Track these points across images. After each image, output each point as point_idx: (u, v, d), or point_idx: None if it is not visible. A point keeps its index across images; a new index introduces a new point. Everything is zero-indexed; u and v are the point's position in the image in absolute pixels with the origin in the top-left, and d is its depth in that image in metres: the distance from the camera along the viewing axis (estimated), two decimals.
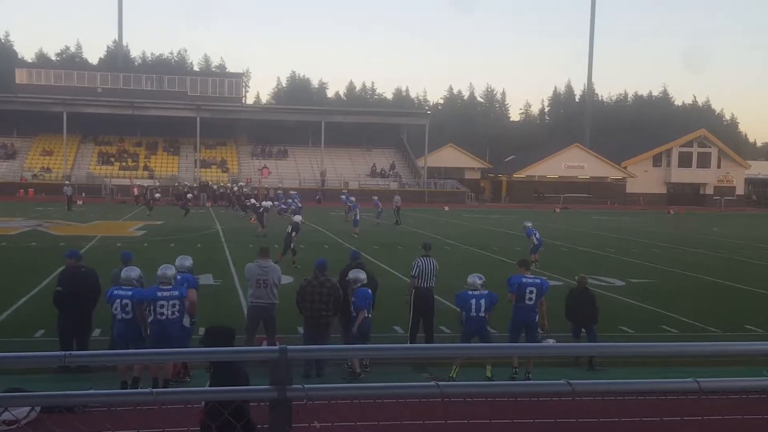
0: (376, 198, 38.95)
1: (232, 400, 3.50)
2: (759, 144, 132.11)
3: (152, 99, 65.92)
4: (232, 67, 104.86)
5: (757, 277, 20.51)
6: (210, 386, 3.83)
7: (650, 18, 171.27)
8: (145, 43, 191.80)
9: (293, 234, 20.69)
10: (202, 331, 10.00)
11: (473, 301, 10.36)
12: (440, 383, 3.05)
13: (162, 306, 9.25)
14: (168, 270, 9.50)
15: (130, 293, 9.38)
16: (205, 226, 33.71)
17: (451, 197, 64.91)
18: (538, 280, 10.84)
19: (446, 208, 51.46)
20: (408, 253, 24.21)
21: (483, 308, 10.33)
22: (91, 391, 3.76)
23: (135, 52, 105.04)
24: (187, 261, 10.44)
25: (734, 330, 11.91)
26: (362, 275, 10.59)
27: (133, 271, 9.72)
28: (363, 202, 39.32)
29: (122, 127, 66.57)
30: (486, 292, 10.49)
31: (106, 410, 4.29)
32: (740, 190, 76.67)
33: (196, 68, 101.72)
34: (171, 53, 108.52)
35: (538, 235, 22.13)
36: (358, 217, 31.78)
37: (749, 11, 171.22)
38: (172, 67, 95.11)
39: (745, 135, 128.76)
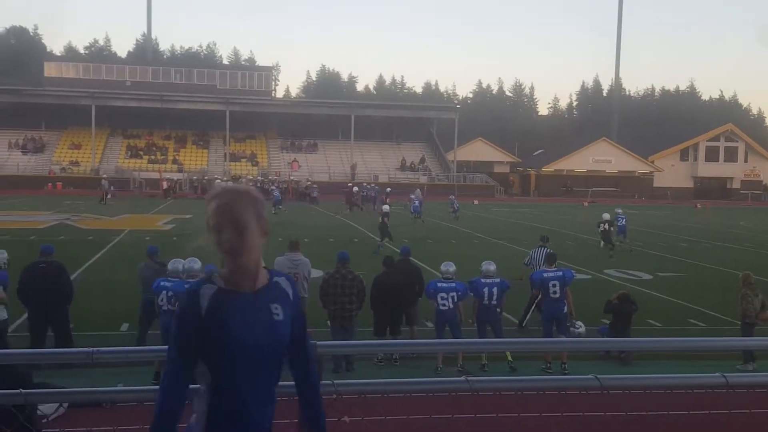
0: (452, 197, 39.70)
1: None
2: None
3: (181, 92, 66.47)
4: (261, 61, 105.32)
5: None
6: None
7: (677, 12, 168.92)
8: (175, 36, 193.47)
9: (386, 221, 23.20)
10: None
11: (486, 290, 10.53)
12: (469, 378, 3.13)
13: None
14: (194, 263, 9.56)
15: (173, 285, 9.46)
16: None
17: (481, 191, 64.66)
18: (560, 273, 10.89)
19: (476, 202, 51.32)
20: (437, 245, 24.28)
21: (495, 296, 10.50)
22: (119, 387, 3.88)
23: (164, 46, 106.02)
24: (179, 263, 10.25)
25: (761, 324, 11.78)
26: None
27: (179, 263, 9.78)
28: (398, 195, 39.20)
29: (151, 120, 67.14)
30: (498, 279, 10.65)
31: (135, 405, 4.40)
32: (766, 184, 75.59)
33: (225, 62, 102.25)
34: (200, 46, 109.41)
35: (622, 222, 25.20)
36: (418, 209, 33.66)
37: None
38: (201, 61, 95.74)
39: None
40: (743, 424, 6.56)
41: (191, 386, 2.54)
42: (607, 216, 24.54)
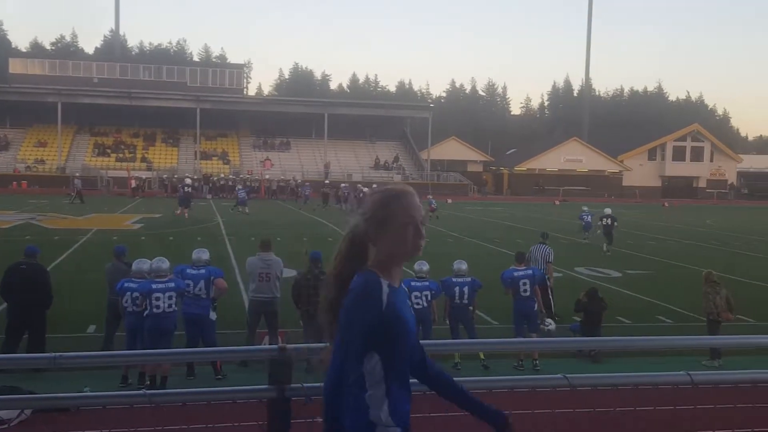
0: (430, 197, 40.42)
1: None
2: (750, 138, 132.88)
3: (150, 89, 65.64)
4: (233, 58, 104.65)
5: (748, 267, 20.68)
6: None
7: (645, 14, 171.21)
8: (143, 32, 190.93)
9: None
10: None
11: (457, 289, 10.57)
12: None
13: (158, 299, 9.19)
14: (162, 263, 9.48)
15: (138, 286, 9.37)
16: (205, 218, 33.72)
17: (454, 190, 64.91)
18: (530, 271, 11.00)
19: (449, 201, 51.49)
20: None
21: (467, 295, 10.53)
22: (85, 392, 3.82)
23: (132, 42, 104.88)
24: (204, 254, 10.28)
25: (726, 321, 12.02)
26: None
27: (144, 264, 9.69)
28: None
29: (119, 117, 66.21)
30: (470, 278, 10.69)
31: (101, 410, 4.34)
32: (732, 183, 77.03)
33: (195, 59, 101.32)
34: (170, 43, 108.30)
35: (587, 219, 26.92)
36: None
37: (742, 8, 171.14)
38: (170, 58, 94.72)
39: (737, 129, 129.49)
40: (709, 419, 6.67)
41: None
42: (608, 211, 25.34)
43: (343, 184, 47.42)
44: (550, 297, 13.30)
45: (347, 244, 2.62)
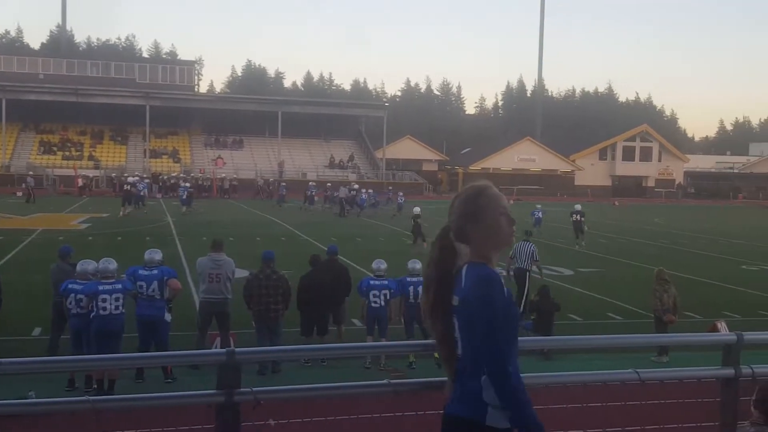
0: (400, 194, 41.53)
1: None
2: (697, 139, 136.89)
3: (98, 86, 64.15)
4: (183, 55, 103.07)
5: (695, 265, 21.22)
6: None
7: (596, 17, 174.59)
8: (91, 28, 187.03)
9: (419, 221, 24.41)
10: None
11: (411, 288, 10.59)
12: (392, 381, 3.10)
13: (104, 300, 8.99)
14: (109, 264, 9.29)
15: (82, 287, 9.15)
16: (155, 218, 33.13)
17: (410, 189, 65.04)
18: None
19: (405, 200, 51.59)
20: (366, 243, 24.28)
21: (420, 294, 10.54)
22: (27, 400, 3.69)
23: (80, 38, 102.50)
24: (157, 255, 10.09)
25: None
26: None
27: (88, 265, 9.48)
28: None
29: (65, 115, 64.48)
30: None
31: (44, 416, 4.22)
32: (679, 183, 79.00)
33: (145, 55, 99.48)
34: (118, 39, 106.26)
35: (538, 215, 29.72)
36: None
37: (688, 12, 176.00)
38: (119, 54, 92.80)
39: (684, 130, 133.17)
40: (657, 414, 6.80)
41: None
42: (578, 207, 26.95)
43: (328, 183, 47.29)
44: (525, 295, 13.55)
45: (438, 250, 2.83)
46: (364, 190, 42.66)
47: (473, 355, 2.66)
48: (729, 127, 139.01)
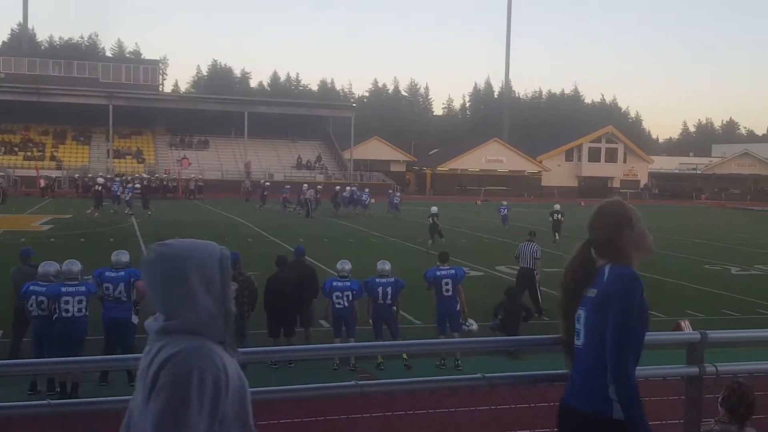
0: (390, 192, 41.83)
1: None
2: (661, 140, 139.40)
3: (60, 85, 63.14)
4: (147, 54, 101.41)
5: (659, 264, 21.49)
6: None
7: (562, 19, 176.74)
8: (53, 26, 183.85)
9: (436, 220, 25.36)
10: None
11: (380, 289, 10.57)
12: (360, 383, 3.08)
13: (67, 302, 8.86)
14: (73, 266, 9.17)
15: (44, 289, 8.98)
16: (119, 219, 32.66)
17: (377, 189, 65.02)
18: (453, 271, 11.09)
19: (373, 201, 51.58)
20: (333, 245, 24.21)
21: (390, 295, 10.54)
22: None
23: (41, 36, 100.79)
24: (124, 256, 9.94)
25: None
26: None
27: (51, 266, 9.32)
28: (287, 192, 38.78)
29: (27, 114, 63.33)
30: (393, 279, 10.71)
31: (4, 420, 4.11)
32: (644, 184, 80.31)
33: (108, 54, 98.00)
34: (81, 38, 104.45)
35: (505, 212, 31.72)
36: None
37: (652, 15, 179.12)
38: (82, 53, 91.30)
39: (649, 132, 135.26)
40: None
41: None
42: (557, 207, 28.91)
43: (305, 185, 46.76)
44: (538, 291, 14.31)
45: (581, 261, 3.14)
46: (366, 190, 42.53)
47: (601, 348, 2.83)
48: (692, 129, 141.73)
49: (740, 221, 44.66)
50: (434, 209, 26.30)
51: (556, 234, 27.51)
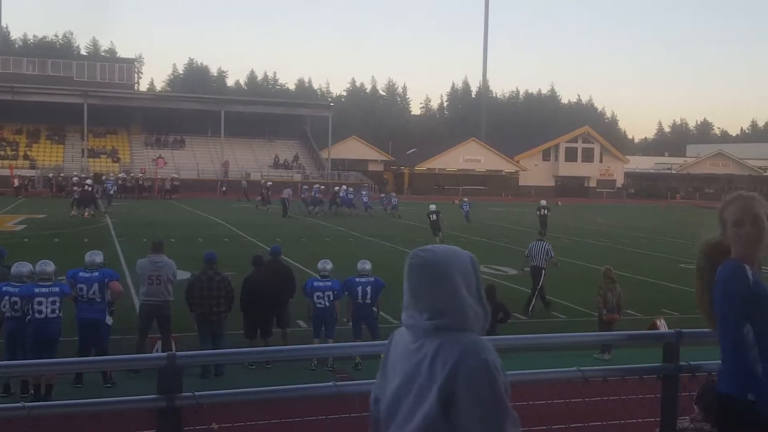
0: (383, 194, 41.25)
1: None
2: (636, 140, 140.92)
3: (34, 84, 62.29)
4: (123, 52, 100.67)
5: (635, 263, 21.75)
6: None
7: (539, 20, 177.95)
8: (27, 25, 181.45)
9: (436, 217, 26.52)
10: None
11: (360, 288, 10.55)
12: (338, 383, 3.06)
13: (40, 303, 8.75)
14: (47, 266, 9.07)
15: (17, 290, 8.85)
16: (93, 219, 32.29)
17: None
18: None
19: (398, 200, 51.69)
20: (311, 244, 24.13)
21: (369, 295, 10.51)
22: None
23: (15, 35, 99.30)
24: (98, 257, 9.83)
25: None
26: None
27: (24, 267, 9.18)
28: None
29: (0, 113, 62.23)
30: (373, 278, 10.68)
31: None
32: (620, 183, 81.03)
33: (83, 52, 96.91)
34: (56, 36, 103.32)
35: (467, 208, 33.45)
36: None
37: (627, 16, 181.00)
38: (56, 51, 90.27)
39: (624, 132, 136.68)
40: (600, 411, 6.90)
41: None
42: (544, 203, 30.46)
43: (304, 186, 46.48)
44: (543, 288, 14.86)
45: (705, 259, 3.20)
46: (364, 192, 42.27)
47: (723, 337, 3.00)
48: (667, 129, 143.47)
49: (714, 221, 45.06)
50: (432, 207, 27.23)
51: (543, 229, 28.54)
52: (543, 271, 14.96)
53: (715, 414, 3.12)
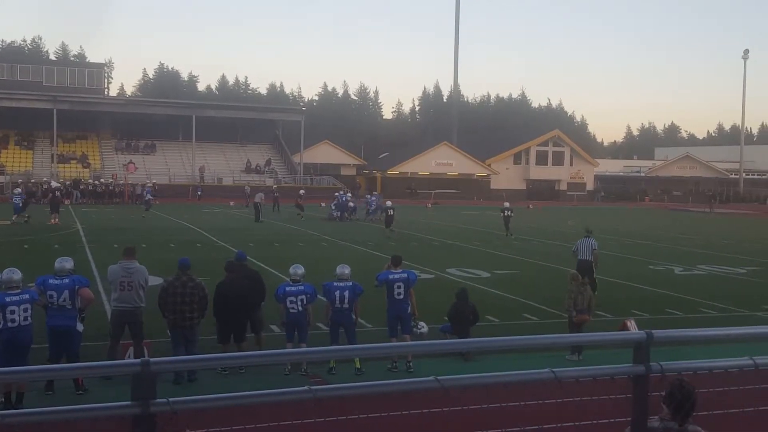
0: (370, 196, 41.35)
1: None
2: (606, 144, 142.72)
3: (3, 89, 61.37)
4: (92, 57, 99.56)
5: (605, 265, 21.92)
6: None
7: (511, 24, 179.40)
8: None
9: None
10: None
11: (337, 293, 10.53)
12: (313, 387, 3.06)
13: (12, 312, 8.63)
14: (14, 274, 8.92)
15: None
16: (63, 225, 31.85)
17: (328, 193, 64.79)
18: (405, 274, 11.13)
19: (323, 204, 51.52)
20: (284, 249, 24.05)
21: (347, 299, 10.51)
22: None
23: None
24: (68, 263, 9.68)
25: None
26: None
27: None
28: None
29: None
30: (351, 283, 10.68)
31: None
32: (590, 186, 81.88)
33: (52, 57, 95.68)
34: (24, 41, 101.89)
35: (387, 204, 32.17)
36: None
37: (596, 21, 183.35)
38: (25, 56, 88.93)
39: (594, 135, 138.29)
40: (571, 412, 6.99)
41: None
42: (507, 204, 32.72)
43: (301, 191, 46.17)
44: (595, 281, 15.61)
45: None
46: (372, 197, 41.68)
47: None
48: (636, 133, 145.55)
49: (682, 222, 45.93)
50: (389, 203, 29.21)
51: (507, 229, 30.94)
52: (592, 264, 16.02)
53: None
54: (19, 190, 37.61)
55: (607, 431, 6.96)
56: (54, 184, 39.90)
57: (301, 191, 44.09)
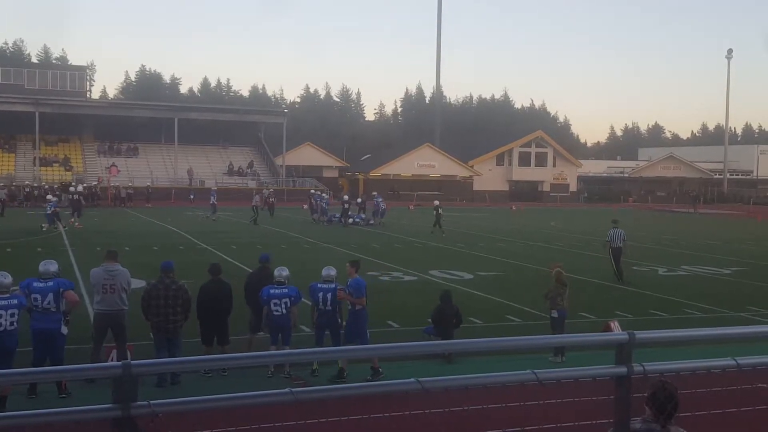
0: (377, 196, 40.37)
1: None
2: (589, 144, 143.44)
3: None
4: (74, 60, 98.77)
5: (589, 267, 22.07)
6: None
7: (493, 25, 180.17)
8: None
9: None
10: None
11: (321, 294, 10.52)
12: (294, 390, 3.06)
13: (0, 317, 8.61)
14: (4, 278, 8.89)
15: None
16: (47, 229, 31.54)
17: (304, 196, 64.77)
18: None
19: (305, 207, 51.47)
20: (268, 251, 23.91)
21: (330, 301, 10.49)
22: None
23: None
24: (53, 266, 9.64)
25: (570, 317, 12.74)
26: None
27: None
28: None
29: None
30: (334, 285, 10.66)
31: None
32: (573, 187, 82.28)
33: (34, 60, 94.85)
34: (5, 43, 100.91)
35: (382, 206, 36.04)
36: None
37: (579, 22, 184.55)
38: (6, 59, 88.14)
39: (577, 136, 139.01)
40: (554, 413, 7.03)
41: None
42: (437, 203, 34.25)
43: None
44: (621, 264, 19.34)
45: None
46: (379, 197, 40.30)
47: None
48: (619, 133, 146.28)
49: (666, 223, 46.23)
50: (436, 202, 32.23)
51: (438, 226, 32.06)
52: (621, 250, 19.15)
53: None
54: (54, 198, 34.93)
55: None
56: (78, 187, 39.42)
57: (265, 191, 43.41)
